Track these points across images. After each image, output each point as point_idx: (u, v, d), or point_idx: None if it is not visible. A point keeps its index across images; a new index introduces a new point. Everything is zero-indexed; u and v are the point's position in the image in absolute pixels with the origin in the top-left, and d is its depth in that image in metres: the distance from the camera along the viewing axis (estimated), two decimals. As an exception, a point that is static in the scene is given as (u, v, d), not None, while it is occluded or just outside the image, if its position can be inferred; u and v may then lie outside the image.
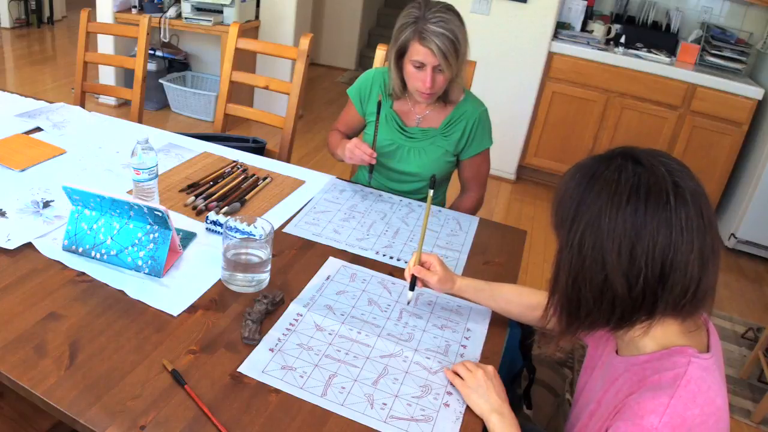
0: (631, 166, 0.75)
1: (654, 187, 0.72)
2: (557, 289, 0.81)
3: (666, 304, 0.75)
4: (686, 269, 0.73)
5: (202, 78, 4.25)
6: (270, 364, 1.00)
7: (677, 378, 0.75)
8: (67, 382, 0.90)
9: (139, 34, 2.15)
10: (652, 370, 0.80)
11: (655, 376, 0.79)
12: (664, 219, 0.71)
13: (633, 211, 0.72)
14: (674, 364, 0.77)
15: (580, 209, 0.76)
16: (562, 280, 0.79)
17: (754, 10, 3.50)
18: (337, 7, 5.62)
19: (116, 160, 1.62)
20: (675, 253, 0.72)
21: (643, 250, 0.72)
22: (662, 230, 0.71)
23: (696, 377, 0.75)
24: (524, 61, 3.47)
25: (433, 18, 1.46)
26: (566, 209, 0.78)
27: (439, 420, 0.94)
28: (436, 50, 1.46)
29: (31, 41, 5.57)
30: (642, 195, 0.72)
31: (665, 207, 0.72)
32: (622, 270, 0.73)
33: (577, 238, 0.76)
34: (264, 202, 1.51)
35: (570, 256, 0.77)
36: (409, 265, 1.16)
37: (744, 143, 3.29)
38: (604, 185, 0.75)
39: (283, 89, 2.05)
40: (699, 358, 0.77)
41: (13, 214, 1.30)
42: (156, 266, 1.16)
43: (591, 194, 0.76)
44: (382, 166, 1.71)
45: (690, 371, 0.75)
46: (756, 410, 2.10)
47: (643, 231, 0.72)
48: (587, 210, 0.75)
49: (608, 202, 0.74)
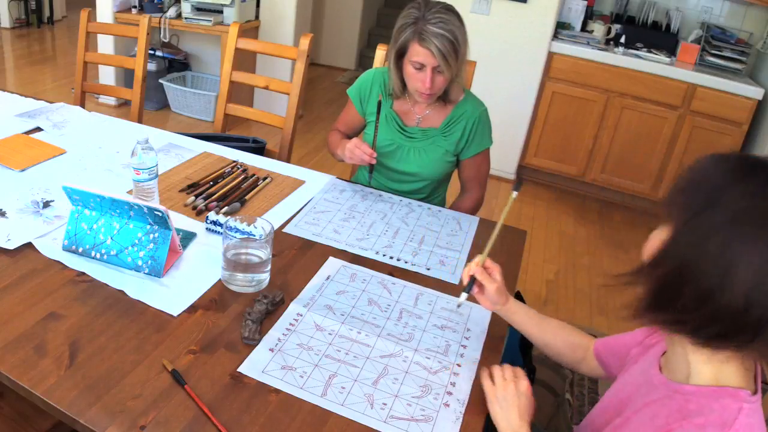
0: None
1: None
2: (662, 268, 0.74)
3: (764, 341, 0.70)
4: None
5: (202, 78, 4.25)
6: (270, 364, 1.00)
7: (725, 426, 0.72)
8: (67, 382, 0.90)
9: (139, 34, 2.15)
10: (698, 407, 0.76)
11: (701, 418, 0.74)
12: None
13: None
14: (723, 408, 0.74)
15: (745, 234, 0.69)
16: (671, 262, 0.72)
17: (754, 10, 3.50)
18: (337, 7, 5.62)
19: (116, 160, 1.62)
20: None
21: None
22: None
23: (744, 424, 0.72)
24: (524, 61, 3.47)
25: (433, 19, 1.46)
26: (710, 222, 0.71)
27: (439, 420, 0.94)
28: (436, 51, 1.46)
29: (31, 41, 5.57)
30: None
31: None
32: (747, 289, 0.68)
33: (720, 237, 0.69)
34: (264, 202, 1.51)
35: (699, 249, 0.71)
36: (470, 266, 1.09)
37: (744, 143, 3.29)
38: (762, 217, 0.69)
39: (283, 89, 2.05)
40: (750, 403, 0.73)
41: (13, 214, 1.30)
42: (156, 266, 1.16)
43: (745, 227, 0.69)
44: (382, 166, 1.71)
45: (740, 420, 0.72)
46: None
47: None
48: (760, 243, 0.68)
49: (759, 235, 0.68)
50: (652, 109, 3.36)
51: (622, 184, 3.59)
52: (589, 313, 2.59)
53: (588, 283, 2.83)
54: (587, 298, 2.70)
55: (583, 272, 2.92)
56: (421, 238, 1.45)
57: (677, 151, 3.39)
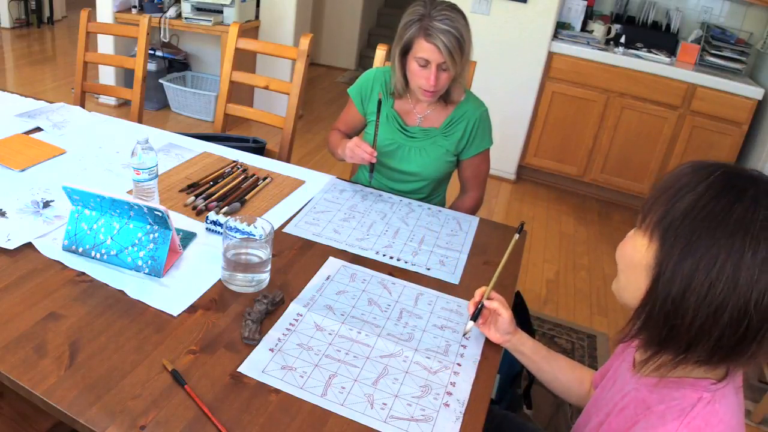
0: (766, 203, 0.69)
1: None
2: (670, 312, 0.73)
3: (753, 355, 0.71)
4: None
5: (202, 78, 4.25)
6: (270, 364, 1.00)
7: (682, 414, 0.73)
8: (67, 382, 0.90)
9: (139, 34, 2.15)
10: (660, 397, 0.78)
11: (662, 406, 0.76)
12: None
13: (765, 258, 0.67)
14: (683, 397, 0.75)
15: (713, 238, 0.69)
16: (688, 303, 0.70)
17: (754, 10, 3.50)
18: (337, 7, 5.62)
19: (116, 160, 1.62)
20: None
21: (761, 298, 0.67)
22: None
23: (704, 412, 0.73)
24: (524, 61, 3.47)
25: (439, 16, 1.47)
26: (694, 230, 0.70)
27: (439, 420, 0.94)
28: (442, 47, 1.46)
29: (31, 41, 5.57)
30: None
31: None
32: (736, 312, 0.68)
33: (717, 265, 0.68)
34: (264, 202, 1.51)
35: (701, 282, 0.69)
36: (474, 296, 1.10)
37: (744, 143, 3.30)
38: (741, 218, 0.68)
39: (283, 89, 2.05)
40: (712, 392, 0.74)
41: (13, 214, 1.30)
42: (156, 266, 1.16)
43: (731, 234, 0.68)
44: (383, 165, 1.71)
45: (697, 408, 0.73)
46: (756, 410, 2.10)
47: (762, 278, 0.67)
48: (725, 245, 0.68)
49: (748, 236, 0.67)
50: (652, 109, 3.36)
51: (622, 184, 3.59)
52: (589, 313, 2.59)
53: (588, 283, 2.83)
54: (587, 298, 2.70)
55: (583, 272, 2.92)
56: (421, 238, 1.45)
57: (677, 151, 3.39)
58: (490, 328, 1.10)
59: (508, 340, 1.10)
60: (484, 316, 1.10)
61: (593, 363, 2.26)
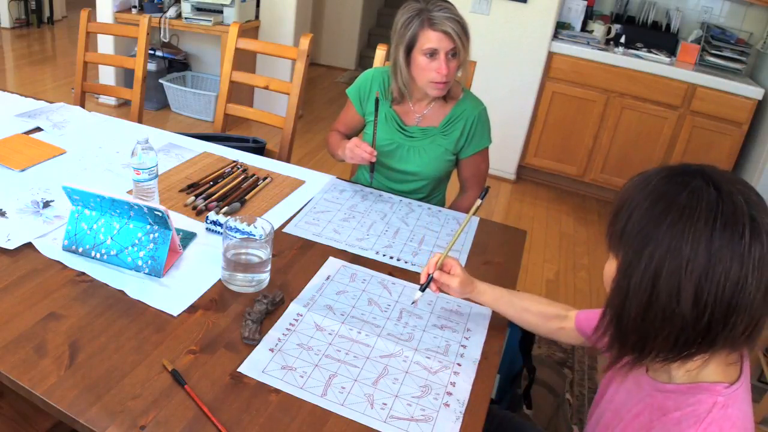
0: (709, 191, 0.71)
1: (731, 218, 0.69)
2: (621, 313, 0.76)
3: (725, 340, 0.72)
4: (751, 307, 0.70)
5: (202, 78, 4.25)
6: (270, 364, 1.00)
7: (698, 420, 0.74)
8: (67, 382, 0.90)
9: (139, 34, 2.15)
10: (676, 404, 0.78)
11: (676, 413, 0.77)
12: (738, 254, 0.68)
13: (708, 242, 0.68)
14: (699, 402, 0.76)
15: (656, 232, 0.71)
16: (631, 304, 0.74)
17: (754, 10, 3.50)
18: (337, 7, 5.62)
19: (116, 160, 1.62)
20: (743, 291, 0.69)
21: (714, 283, 0.68)
22: (735, 265, 0.68)
23: (718, 417, 0.74)
24: (524, 61, 3.47)
25: (437, 8, 1.50)
26: (638, 228, 0.73)
27: (439, 420, 0.94)
28: (451, 31, 1.48)
29: (31, 41, 5.57)
30: (719, 226, 0.69)
31: (740, 241, 0.68)
32: (692, 302, 0.70)
33: (654, 263, 0.71)
34: (264, 202, 1.51)
35: (642, 281, 0.72)
36: (427, 266, 1.13)
37: (744, 143, 3.29)
38: (683, 210, 0.70)
39: (283, 89, 2.05)
40: (725, 396, 0.75)
41: (13, 214, 1.30)
42: (156, 266, 1.16)
43: (669, 217, 0.71)
44: (383, 165, 1.71)
45: (713, 414, 0.74)
46: (756, 410, 2.10)
47: (717, 264, 0.68)
48: (665, 235, 0.70)
49: (688, 229, 0.69)
50: (652, 109, 3.36)
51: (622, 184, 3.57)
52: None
53: (588, 283, 2.83)
54: (587, 298, 2.70)
55: (583, 272, 2.92)
56: (421, 238, 1.45)
57: (677, 151, 3.39)
58: (450, 291, 1.14)
59: (467, 297, 1.17)
60: (436, 284, 1.13)
61: (593, 363, 2.27)
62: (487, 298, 1.16)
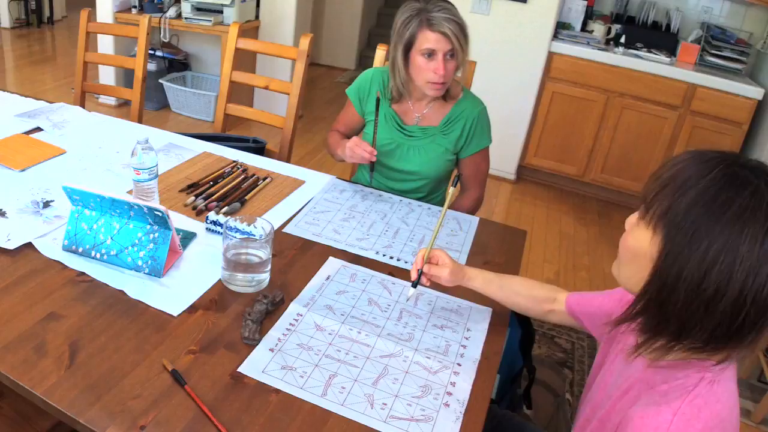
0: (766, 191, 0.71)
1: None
2: (666, 298, 0.75)
3: (751, 342, 0.72)
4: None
5: (202, 78, 4.25)
6: (270, 364, 1.00)
7: (685, 392, 0.75)
8: (67, 382, 0.90)
9: (139, 34, 2.15)
10: (663, 378, 0.79)
11: (664, 386, 0.78)
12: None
13: (762, 244, 0.69)
14: (686, 377, 0.77)
15: (715, 225, 0.71)
16: (679, 291, 0.73)
17: (754, 10, 3.50)
18: (337, 7, 5.62)
19: (116, 160, 1.62)
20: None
21: (758, 284, 0.69)
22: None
23: (705, 392, 0.75)
24: (524, 61, 3.47)
25: (436, 8, 1.50)
26: (694, 216, 0.72)
27: (439, 420, 0.94)
28: (449, 33, 1.48)
29: (31, 41, 5.57)
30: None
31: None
32: (734, 299, 0.70)
33: (710, 256, 0.70)
34: (264, 202, 1.51)
35: (695, 272, 0.72)
36: (416, 262, 1.15)
37: (744, 143, 3.29)
38: (745, 209, 0.70)
39: (283, 89, 2.05)
40: (713, 372, 0.76)
41: (13, 214, 1.30)
42: (156, 266, 1.16)
43: (729, 213, 0.70)
44: (382, 165, 1.71)
45: (700, 387, 0.75)
46: (756, 410, 2.10)
47: (765, 266, 0.69)
48: (723, 229, 0.70)
49: (747, 229, 0.69)
50: (652, 109, 3.36)
51: (622, 184, 3.59)
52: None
53: (588, 283, 2.83)
54: (587, 298, 2.69)
55: (583, 272, 2.92)
56: (421, 238, 1.45)
57: (677, 151, 3.38)
58: (441, 281, 1.16)
59: (458, 285, 1.18)
60: (427, 279, 1.15)
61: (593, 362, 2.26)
62: (477, 283, 1.17)
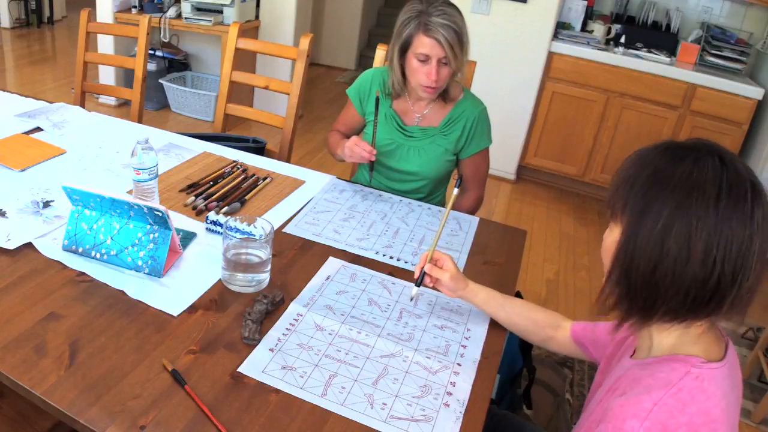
0: (714, 159, 0.75)
1: (735, 183, 0.73)
2: (629, 270, 0.79)
3: (732, 302, 0.74)
4: (753, 269, 0.73)
5: (202, 78, 4.25)
6: (270, 364, 1.00)
7: (668, 384, 0.75)
8: (67, 382, 0.90)
9: (139, 34, 2.15)
10: (649, 372, 0.80)
11: (649, 379, 0.78)
12: (743, 216, 0.72)
13: (716, 204, 0.72)
14: (671, 370, 0.77)
15: (663, 193, 0.75)
16: (640, 261, 0.76)
17: (754, 10, 3.50)
18: (337, 7, 5.62)
19: (116, 160, 1.62)
20: (748, 250, 0.72)
21: (722, 242, 0.72)
22: (740, 226, 0.72)
23: (691, 387, 0.75)
24: (524, 61, 3.47)
25: (436, 12, 1.48)
26: (642, 192, 0.77)
27: (439, 420, 0.94)
28: (443, 40, 1.47)
29: (31, 41, 5.57)
30: (725, 189, 0.73)
31: (744, 204, 0.72)
32: (702, 259, 0.72)
33: (663, 219, 0.74)
34: (264, 202, 1.51)
35: (651, 237, 0.75)
36: (420, 261, 1.15)
37: (744, 143, 3.29)
38: (689, 175, 0.74)
39: (283, 89, 2.05)
40: (701, 368, 0.76)
41: (13, 214, 1.30)
42: (156, 266, 1.16)
43: (674, 180, 0.74)
44: (382, 165, 1.71)
45: (684, 381, 0.75)
46: (756, 410, 2.10)
47: (724, 224, 0.72)
48: (671, 194, 0.74)
49: (696, 191, 0.73)
50: (652, 109, 3.36)
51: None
52: (589, 313, 2.59)
53: (588, 283, 2.83)
54: (587, 298, 2.70)
55: (583, 272, 2.92)
56: (421, 238, 1.45)
57: (677, 151, 3.39)
58: (441, 287, 1.16)
59: (459, 295, 1.16)
60: (430, 280, 1.15)
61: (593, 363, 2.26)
62: (479, 299, 1.16)
